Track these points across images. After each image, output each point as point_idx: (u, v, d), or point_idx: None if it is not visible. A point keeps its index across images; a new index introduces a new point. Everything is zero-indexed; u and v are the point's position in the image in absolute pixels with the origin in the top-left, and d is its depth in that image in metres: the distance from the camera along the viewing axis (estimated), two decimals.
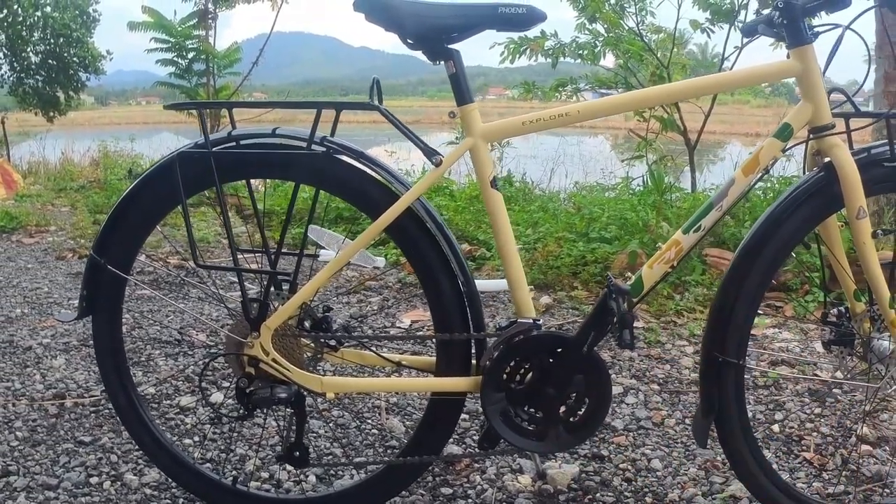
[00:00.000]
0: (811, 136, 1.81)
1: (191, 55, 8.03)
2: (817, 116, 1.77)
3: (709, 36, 5.67)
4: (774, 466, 2.34)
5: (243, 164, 1.86)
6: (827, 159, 1.80)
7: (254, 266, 1.92)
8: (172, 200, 1.89)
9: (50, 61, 14.48)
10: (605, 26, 5.75)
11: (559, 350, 1.80)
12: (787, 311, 3.89)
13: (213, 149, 1.80)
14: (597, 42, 5.71)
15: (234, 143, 1.84)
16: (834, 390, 2.90)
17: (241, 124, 1.91)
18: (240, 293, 1.85)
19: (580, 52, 5.65)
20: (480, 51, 5.73)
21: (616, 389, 2.88)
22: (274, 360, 1.82)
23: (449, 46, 1.75)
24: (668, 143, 6.35)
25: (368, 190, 1.81)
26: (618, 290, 1.73)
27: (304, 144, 1.77)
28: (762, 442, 2.51)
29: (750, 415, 2.69)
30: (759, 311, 3.82)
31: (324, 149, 1.77)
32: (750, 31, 1.99)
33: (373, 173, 1.80)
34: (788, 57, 1.79)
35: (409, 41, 1.76)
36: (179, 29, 7.99)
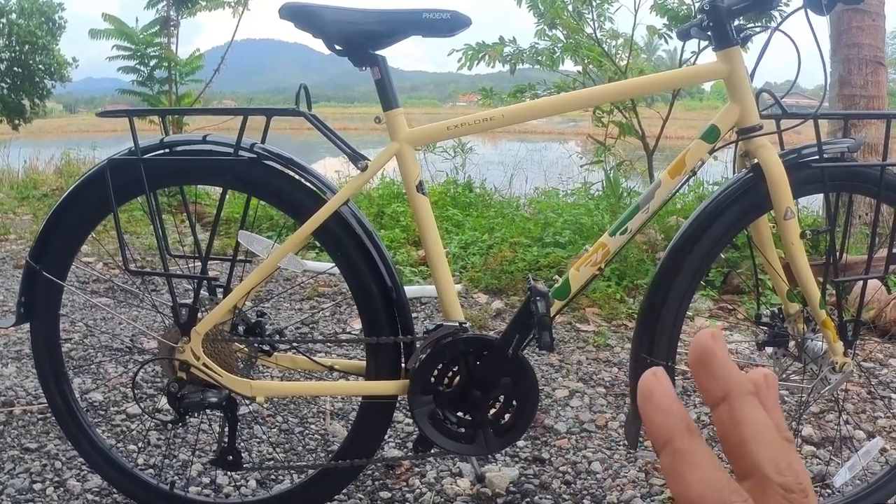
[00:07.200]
0: (739, 137, 1.83)
1: (152, 63, 7.97)
2: (744, 118, 1.79)
3: (666, 41, 5.70)
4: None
5: (173, 171, 1.86)
6: (755, 160, 1.82)
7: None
8: (105, 207, 1.89)
9: (15, 69, 14.38)
10: (565, 32, 5.77)
11: (485, 352, 1.81)
12: (739, 313, 3.91)
13: (144, 156, 1.80)
14: (556, 48, 5.72)
15: (166, 151, 1.84)
16: (780, 391, 2.93)
17: (211, 131, 1.91)
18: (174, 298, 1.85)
19: (538, 58, 5.67)
20: (452, 58, 5.74)
21: (561, 393, 2.90)
22: (204, 365, 1.82)
23: (374, 52, 1.77)
24: (632, 148, 6.37)
25: (295, 195, 1.82)
26: (538, 292, 1.75)
27: (231, 151, 1.78)
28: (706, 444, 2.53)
29: (695, 417, 2.72)
30: (715, 315, 3.86)
31: (252, 155, 1.78)
32: (684, 35, 2.00)
33: (300, 178, 1.81)
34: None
35: (336, 47, 1.77)
36: (141, 36, 7.93)
